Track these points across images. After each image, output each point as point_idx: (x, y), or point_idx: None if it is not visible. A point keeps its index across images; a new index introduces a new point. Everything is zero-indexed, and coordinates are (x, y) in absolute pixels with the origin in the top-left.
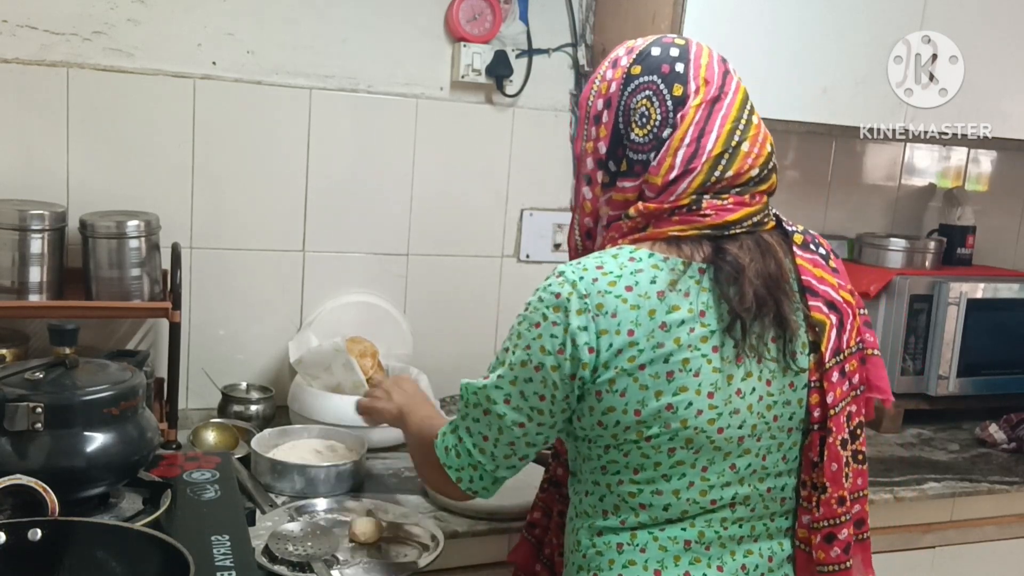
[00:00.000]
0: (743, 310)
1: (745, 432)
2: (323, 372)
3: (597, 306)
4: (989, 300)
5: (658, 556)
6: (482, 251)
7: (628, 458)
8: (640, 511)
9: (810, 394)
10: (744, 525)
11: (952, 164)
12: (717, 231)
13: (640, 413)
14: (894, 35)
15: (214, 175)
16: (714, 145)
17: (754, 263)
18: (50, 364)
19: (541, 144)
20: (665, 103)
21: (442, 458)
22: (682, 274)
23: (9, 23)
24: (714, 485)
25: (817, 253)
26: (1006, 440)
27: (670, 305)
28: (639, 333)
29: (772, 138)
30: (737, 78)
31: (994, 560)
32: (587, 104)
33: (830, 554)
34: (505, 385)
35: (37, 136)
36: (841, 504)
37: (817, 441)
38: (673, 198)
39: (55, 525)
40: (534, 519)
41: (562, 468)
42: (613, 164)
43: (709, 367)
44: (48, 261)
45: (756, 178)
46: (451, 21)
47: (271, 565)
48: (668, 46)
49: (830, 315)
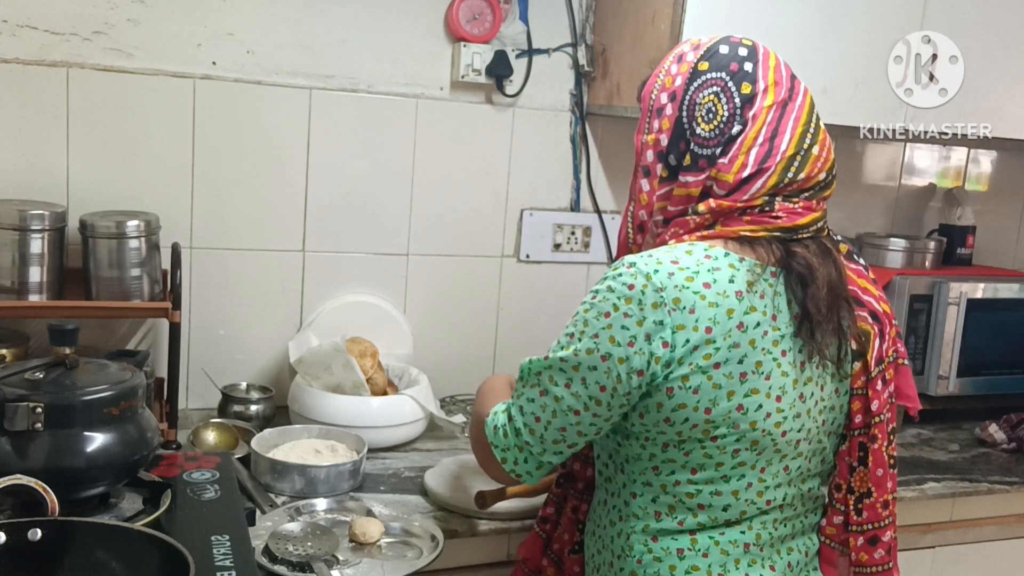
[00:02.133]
0: (817, 314)
1: (803, 436)
2: (323, 372)
3: (674, 300)
4: (989, 300)
5: (720, 560)
6: (482, 251)
7: (688, 457)
8: (699, 512)
9: (851, 400)
10: (788, 524)
11: (952, 164)
12: (787, 234)
13: (711, 412)
14: (894, 35)
15: (214, 175)
16: (788, 146)
17: (822, 268)
18: (50, 364)
19: (541, 144)
20: (733, 100)
21: (490, 437)
22: (759, 276)
23: (9, 23)
24: (769, 486)
25: (859, 263)
26: (1006, 440)
27: (748, 306)
28: (716, 331)
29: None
30: (803, 84)
31: (994, 560)
32: (650, 98)
33: (873, 556)
34: (568, 369)
35: (37, 136)
36: (885, 508)
37: (856, 446)
38: (747, 197)
39: (55, 525)
40: (546, 514)
41: (579, 463)
42: (674, 158)
43: (779, 371)
44: (48, 261)
45: (823, 183)
46: (451, 21)
47: (271, 565)
48: (736, 45)
49: (873, 325)
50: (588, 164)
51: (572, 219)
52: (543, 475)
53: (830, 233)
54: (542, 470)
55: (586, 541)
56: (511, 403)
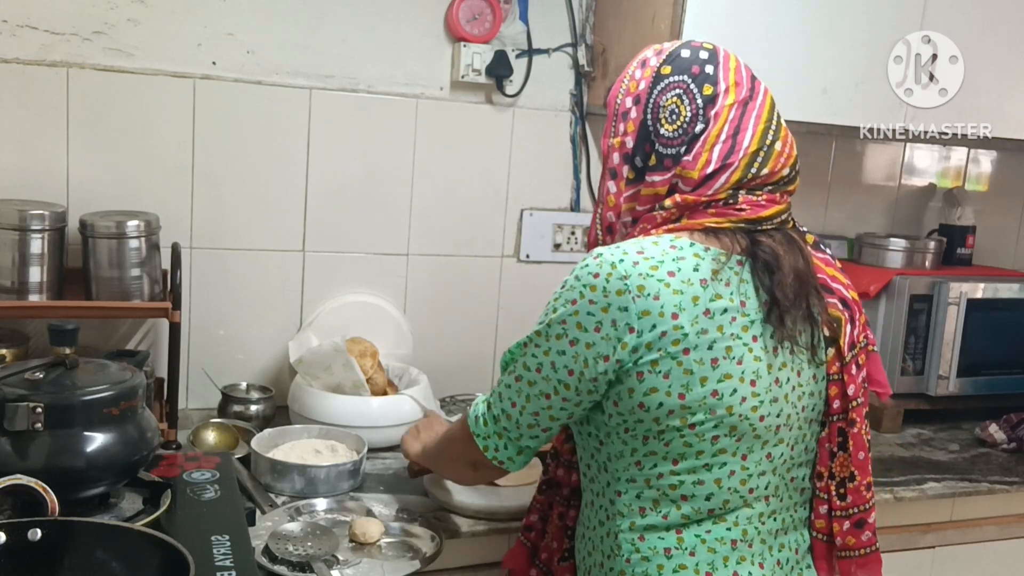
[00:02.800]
0: (784, 299)
1: (782, 421)
2: (323, 372)
3: (638, 288)
4: (989, 300)
5: (708, 558)
6: (482, 251)
7: (669, 447)
8: (682, 503)
9: (829, 386)
10: (777, 518)
11: (952, 164)
12: (751, 225)
13: (684, 397)
14: (894, 35)
15: (214, 175)
16: (750, 142)
17: (788, 256)
18: (50, 364)
19: (541, 144)
20: (695, 101)
21: (472, 426)
22: (724, 264)
23: (9, 23)
24: (752, 474)
25: (827, 253)
26: (1006, 440)
27: (713, 293)
28: (683, 317)
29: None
30: (763, 85)
31: (994, 560)
32: (615, 102)
33: (860, 538)
34: (539, 355)
35: (37, 136)
36: (869, 490)
37: (835, 432)
38: (711, 191)
39: (55, 525)
40: (530, 522)
41: (562, 469)
42: (640, 159)
43: (751, 355)
44: (48, 261)
45: (786, 178)
46: (451, 21)
47: (271, 565)
48: (697, 49)
49: (844, 311)
50: (588, 164)
51: (572, 219)
52: (525, 461)
53: (796, 225)
54: (523, 456)
55: (577, 545)
56: (492, 393)
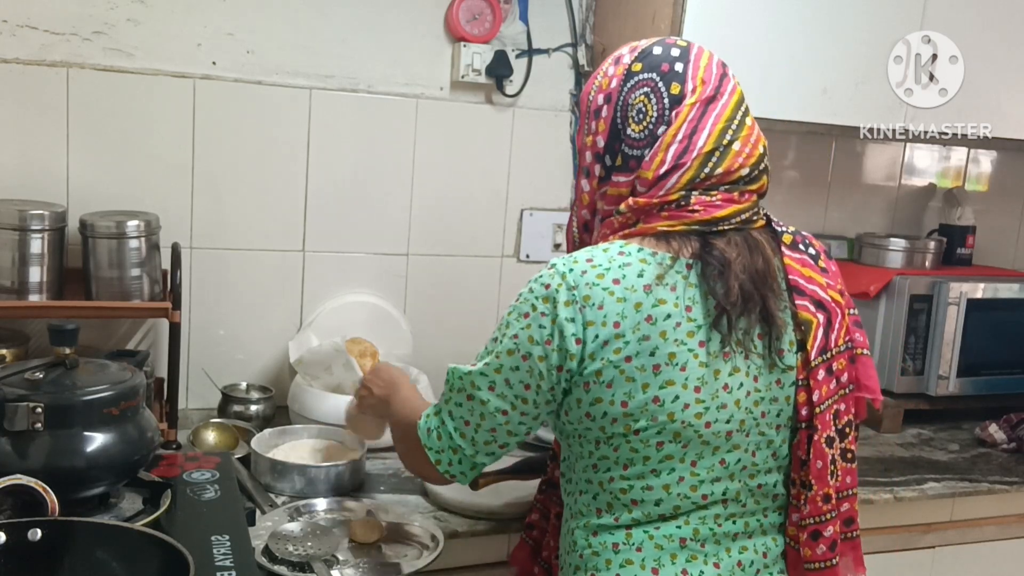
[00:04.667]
0: (728, 304)
1: (733, 427)
2: (323, 372)
3: (584, 297)
4: (989, 300)
5: (655, 555)
6: (482, 251)
7: (618, 453)
8: (632, 507)
9: (798, 392)
10: (738, 521)
11: (952, 164)
12: (705, 227)
13: (627, 405)
14: (894, 35)
15: (214, 175)
16: (705, 142)
17: (741, 258)
18: (50, 364)
19: (541, 144)
20: (662, 100)
21: (423, 439)
22: (669, 268)
23: (9, 23)
24: (704, 480)
25: (806, 253)
26: (1006, 440)
27: (656, 299)
28: (625, 325)
29: (767, 140)
30: (735, 82)
31: (994, 560)
32: (588, 99)
33: (816, 551)
34: (491, 372)
35: (37, 136)
36: (827, 501)
37: (805, 439)
38: (663, 192)
39: (55, 525)
40: (532, 520)
41: (560, 470)
42: (609, 159)
43: (696, 361)
44: (48, 261)
45: (746, 177)
46: (451, 21)
47: (271, 565)
48: (670, 46)
49: (817, 314)
50: None
51: None
52: (476, 475)
53: (773, 224)
54: (475, 470)
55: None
56: (441, 407)
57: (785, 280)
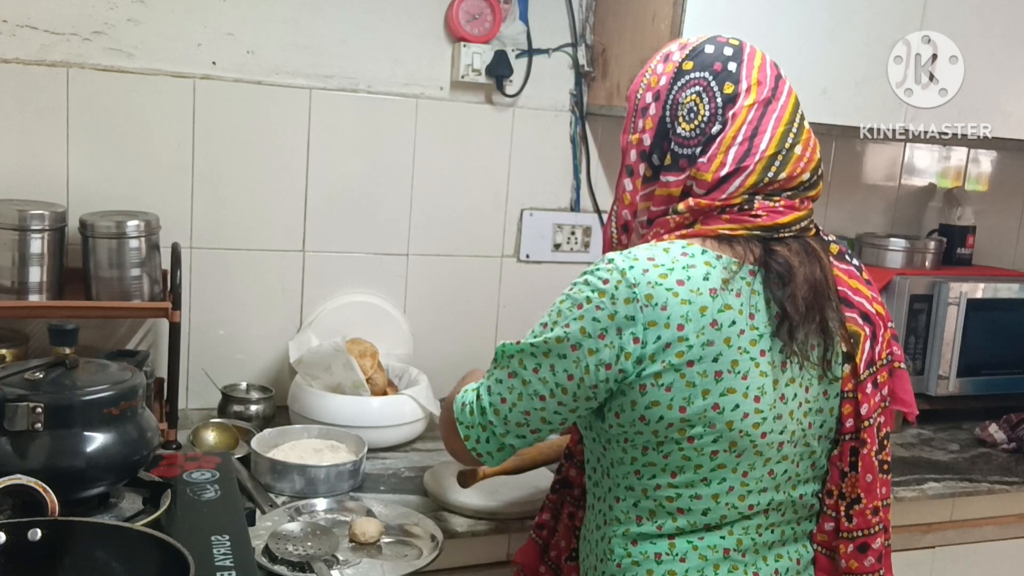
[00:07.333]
0: (795, 313)
1: (786, 438)
2: (323, 372)
3: (646, 296)
4: (989, 300)
5: (699, 565)
6: (482, 251)
7: (668, 460)
8: (678, 516)
9: (842, 404)
10: (776, 530)
11: (952, 164)
12: (767, 233)
13: (685, 411)
14: (894, 35)
15: (214, 175)
16: (767, 145)
17: (803, 267)
18: (50, 364)
19: (541, 144)
20: (715, 99)
21: (456, 412)
22: (735, 274)
23: (9, 23)
24: (752, 490)
25: (852, 264)
26: (1006, 440)
27: (722, 304)
28: (689, 329)
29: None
30: (789, 84)
31: (994, 560)
32: (635, 97)
33: (864, 563)
34: (539, 355)
35: (37, 136)
36: (875, 514)
37: (847, 451)
38: (725, 196)
39: (55, 525)
40: (542, 520)
41: (575, 469)
42: (657, 157)
43: (757, 371)
44: (48, 261)
45: (807, 183)
46: (451, 21)
47: (271, 565)
48: (723, 45)
49: (864, 327)
50: (588, 164)
51: (572, 219)
52: (504, 458)
53: (820, 233)
54: (503, 452)
55: (580, 545)
56: (481, 383)
57: (835, 291)
